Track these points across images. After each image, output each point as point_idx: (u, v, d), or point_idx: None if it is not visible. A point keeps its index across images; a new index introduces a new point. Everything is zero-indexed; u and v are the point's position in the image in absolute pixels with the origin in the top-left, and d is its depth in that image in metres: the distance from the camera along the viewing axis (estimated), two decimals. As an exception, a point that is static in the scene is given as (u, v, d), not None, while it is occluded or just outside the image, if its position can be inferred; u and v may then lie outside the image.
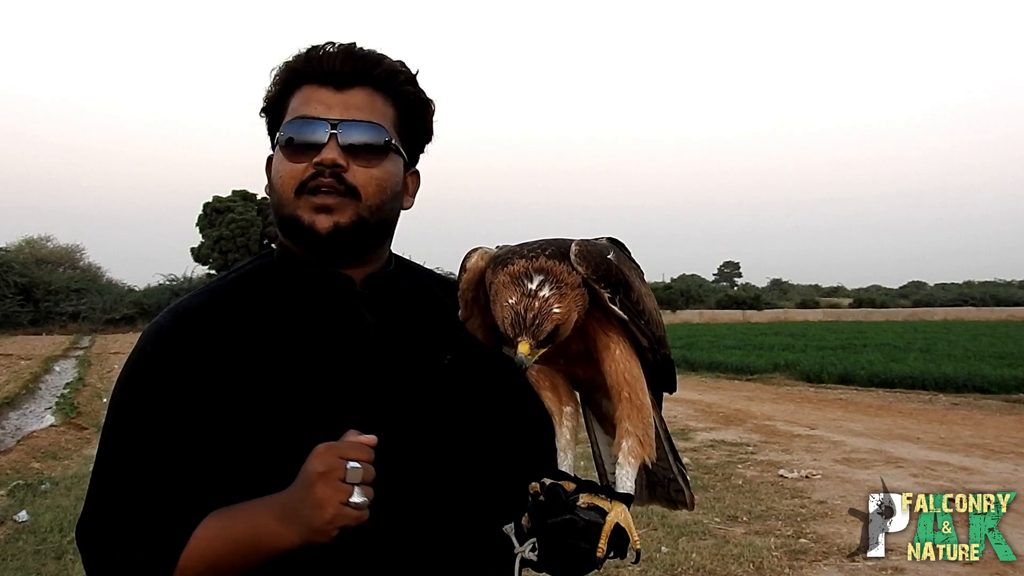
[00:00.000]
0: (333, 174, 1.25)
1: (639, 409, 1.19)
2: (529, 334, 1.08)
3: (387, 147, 1.29)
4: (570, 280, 1.11)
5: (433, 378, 1.32)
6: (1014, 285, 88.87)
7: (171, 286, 51.13)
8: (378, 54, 1.32)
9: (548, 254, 1.12)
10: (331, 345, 1.29)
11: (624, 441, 1.19)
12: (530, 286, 1.09)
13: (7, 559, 5.58)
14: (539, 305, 1.08)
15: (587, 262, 1.13)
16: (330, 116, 1.26)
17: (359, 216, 1.27)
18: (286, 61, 1.33)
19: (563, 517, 1.12)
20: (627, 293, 1.17)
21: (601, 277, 1.13)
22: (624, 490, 1.18)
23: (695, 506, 1.35)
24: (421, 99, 1.36)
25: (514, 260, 1.13)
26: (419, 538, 1.25)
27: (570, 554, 1.11)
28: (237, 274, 1.39)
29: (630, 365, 1.19)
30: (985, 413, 12.57)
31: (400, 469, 1.25)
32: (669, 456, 1.32)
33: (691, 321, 53.51)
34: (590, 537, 1.11)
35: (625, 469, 1.19)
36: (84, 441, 10.47)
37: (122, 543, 1.18)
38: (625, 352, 1.19)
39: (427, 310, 1.38)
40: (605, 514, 1.14)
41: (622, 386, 1.19)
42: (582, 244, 1.15)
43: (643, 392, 1.20)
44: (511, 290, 1.10)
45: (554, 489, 1.15)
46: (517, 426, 1.39)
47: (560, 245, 1.15)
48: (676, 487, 1.32)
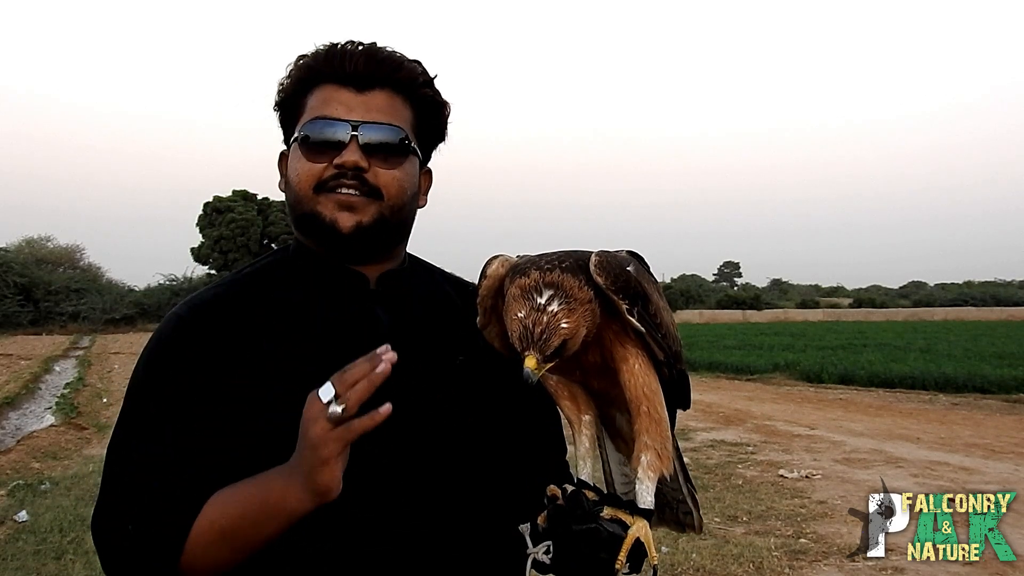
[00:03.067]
0: (355, 176, 1.27)
1: (658, 423, 1.19)
2: (536, 348, 1.08)
3: (406, 149, 1.32)
4: (581, 295, 1.11)
5: (445, 377, 1.33)
6: (1014, 285, 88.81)
7: (171, 286, 51.21)
8: (398, 55, 1.33)
9: (564, 267, 1.13)
10: (344, 341, 1.29)
11: (644, 455, 1.19)
12: (539, 300, 1.10)
13: (7, 559, 5.59)
14: (547, 320, 1.08)
15: (606, 273, 1.13)
16: (351, 117, 1.28)
17: (381, 215, 1.29)
18: (304, 58, 1.34)
19: (588, 526, 1.13)
20: (645, 305, 1.17)
21: (620, 288, 1.14)
22: (645, 505, 1.18)
23: (703, 529, 1.35)
24: (438, 102, 1.38)
25: (529, 272, 1.13)
26: (422, 533, 1.26)
27: (587, 563, 1.12)
28: (253, 268, 1.41)
29: (649, 379, 1.19)
30: (985, 413, 12.58)
31: (404, 464, 1.26)
32: (680, 476, 1.31)
33: (691, 321, 53.59)
34: (610, 549, 1.12)
35: (645, 484, 1.19)
36: (84, 441, 10.48)
37: (133, 524, 1.19)
38: (644, 365, 1.19)
39: (440, 310, 1.39)
40: (627, 527, 1.15)
41: (641, 400, 1.18)
42: (602, 255, 1.15)
43: (661, 406, 1.20)
44: (521, 303, 1.11)
45: (577, 496, 1.16)
46: (526, 429, 1.39)
47: (580, 257, 1.16)
48: (685, 509, 1.32)
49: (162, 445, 1.21)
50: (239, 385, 1.23)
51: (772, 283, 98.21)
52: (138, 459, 1.22)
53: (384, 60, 1.31)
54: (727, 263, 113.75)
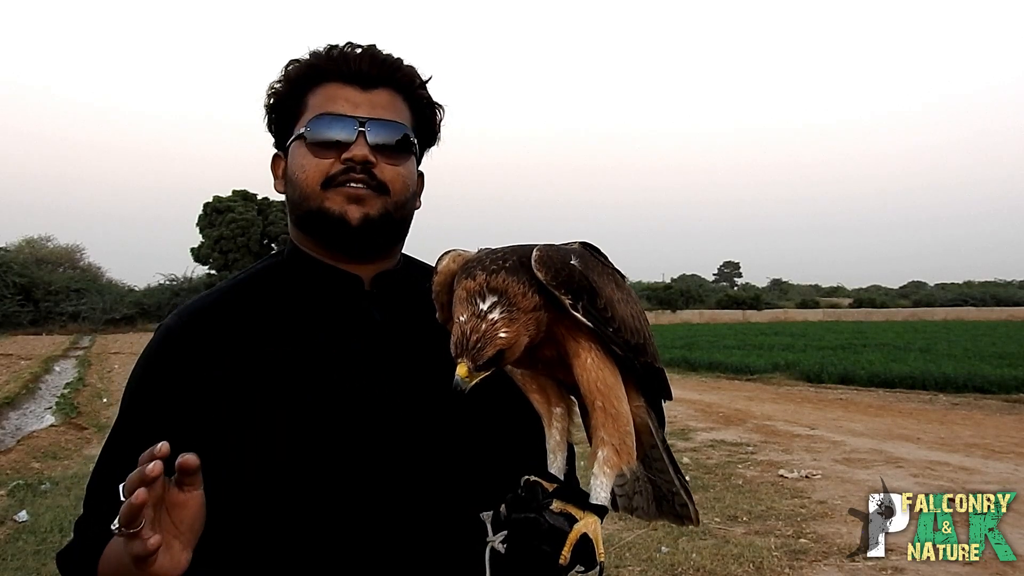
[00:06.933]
0: (364, 170, 1.29)
1: (614, 418, 1.15)
2: (468, 357, 1.05)
3: (410, 146, 1.35)
4: (524, 304, 1.07)
5: (438, 375, 1.32)
6: (1014, 285, 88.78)
7: (171, 286, 51.21)
8: (396, 58, 1.37)
9: (509, 267, 1.09)
10: (338, 343, 1.30)
11: (600, 451, 1.16)
12: (481, 306, 1.06)
13: (7, 559, 5.59)
14: (485, 328, 1.05)
15: (547, 268, 1.09)
16: (358, 114, 1.30)
17: (386, 210, 1.31)
18: (304, 58, 1.35)
19: (527, 515, 1.10)
20: (592, 300, 1.12)
21: (562, 283, 1.09)
22: (598, 501, 1.14)
23: (700, 521, 1.34)
24: (433, 104, 1.41)
25: (475, 273, 1.09)
26: (414, 533, 1.26)
27: (533, 556, 1.09)
28: (247, 274, 1.42)
29: (602, 373, 1.15)
30: (985, 413, 12.58)
31: (397, 465, 1.26)
32: (670, 468, 1.29)
33: (691, 321, 53.60)
34: (553, 542, 1.09)
35: (600, 480, 1.15)
36: (84, 441, 10.48)
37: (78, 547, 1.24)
38: (597, 359, 1.15)
39: (434, 310, 1.39)
40: (575, 522, 1.11)
41: (595, 395, 1.15)
42: (543, 250, 1.11)
43: (618, 400, 1.16)
44: (463, 307, 1.08)
45: (533, 487, 1.14)
46: (519, 429, 1.39)
47: (525, 253, 1.12)
48: (680, 501, 1.30)
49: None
50: (231, 395, 1.23)
51: (772, 283, 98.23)
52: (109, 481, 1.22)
53: (386, 60, 1.35)
54: (727, 263, 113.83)
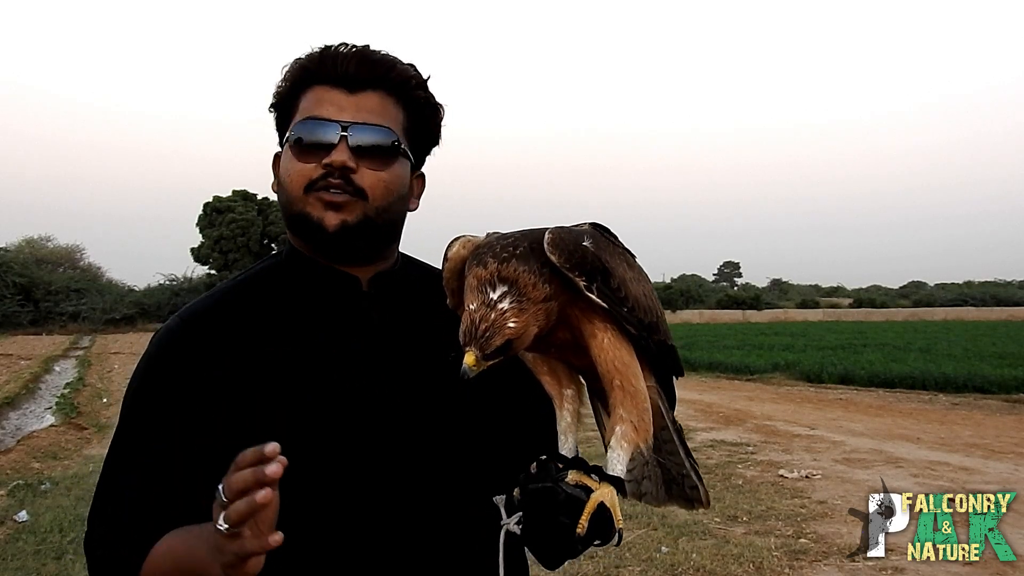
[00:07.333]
0: (342, 175, 1.27)
1: (632, 396, 1.16)
2: (476, 346, 1.06)
3: (395, 150, 1.32)
4: (535, 294, 1.08)
5: (437, 375, 1.32)
6: (1014, 285, 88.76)
7: (171, 286, 51.24)
8: (391, 58, 1.34)
9: (520, 254, 1.09)
10: (337, 344, 1.30)
11: (618, 427, 1.16)
12: (492, 296, 1.07)
13: (7, 559, 5.59)
14: (494, 317, 1.06)
15: (560, 250, 1.09)
16: (342, 118, 1.28)
17: (366, 216, 1.29)
18: (298, 59, 1.34)
19: (544, 484, 1.11)
20: (606, 280, 1.12)
21: (575, 265, 1.10)
22: (614, 472, 1.14)
23: (710, 503, 1.33)
24: (431, 104, 1.38)
25: (487, 260, 1.10)
26: (419, 530, 1.27)
27: (551, 528, 1.09)
28: (247, 275, 1.42)
29: (619, 352, 1.16)
30: (985, 413, 12.57)
31: (399, 464, 1.27)
32: (680, 451, 1.29)
33: (691, 321, 53.57)
34: (571, 512, 1.09)
35: (616, 452, 1.16)
36: (84, 441, 10.48)
37: (108, 553, 1.22)
38: (613, 339, 1.15)
39: (432, 308, 1.39)
40: (591, 493, 1.12)
41: (612, 374, 1.15)
42: (555, 232, 1.11)
43: (635, 378, 1.17)
44: (474, 295, 1.08)
45: (545, 464, 1.15)
46: (522, 424, 1.39)
47: (536, 238, 1.12)
48: (691, 483, 1.29)
49: (141, 475, 1.23)
50: (231, 397, 1.24)
51: (772, 283, 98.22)
52: (118, 490, 1.25)
53: (377, 62, 1.32)
54: (727, 263, 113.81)
